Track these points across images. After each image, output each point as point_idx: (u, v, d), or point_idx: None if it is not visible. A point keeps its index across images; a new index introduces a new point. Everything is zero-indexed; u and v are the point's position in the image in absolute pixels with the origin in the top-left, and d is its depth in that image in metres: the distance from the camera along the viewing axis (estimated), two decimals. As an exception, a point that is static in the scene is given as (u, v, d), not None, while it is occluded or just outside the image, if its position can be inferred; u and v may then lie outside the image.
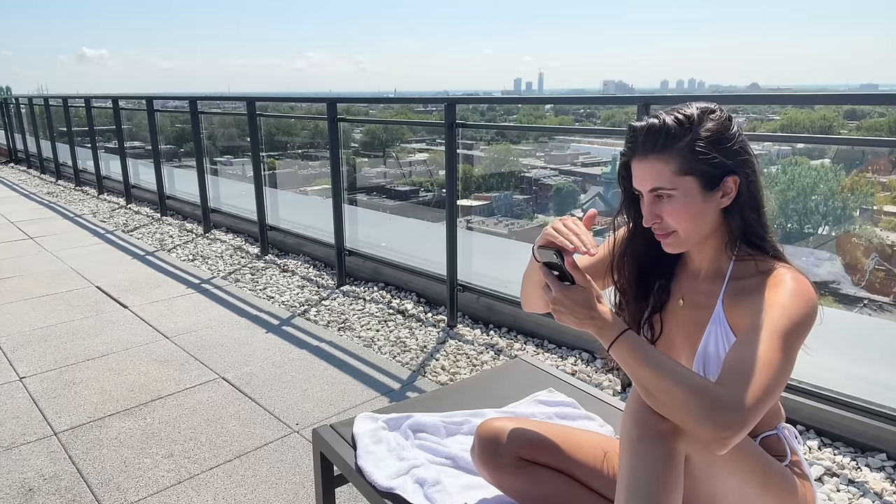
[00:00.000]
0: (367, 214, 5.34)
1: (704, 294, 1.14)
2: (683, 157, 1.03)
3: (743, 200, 1.06)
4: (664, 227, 1.08)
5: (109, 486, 2.05)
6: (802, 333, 1.00)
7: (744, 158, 1.05)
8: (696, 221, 1.06)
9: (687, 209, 1.05)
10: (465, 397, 1.80)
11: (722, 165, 1.03)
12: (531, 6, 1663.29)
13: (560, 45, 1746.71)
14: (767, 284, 1.03)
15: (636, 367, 0.98)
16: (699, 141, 1.02)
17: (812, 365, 2.46)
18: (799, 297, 1.00)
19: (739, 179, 1.05)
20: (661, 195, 1.06)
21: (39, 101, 10.06)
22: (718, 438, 0.91)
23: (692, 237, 1.08)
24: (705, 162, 1.02)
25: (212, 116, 6.17)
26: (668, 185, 1.04)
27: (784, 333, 0.97)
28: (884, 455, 2.13)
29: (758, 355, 0.95)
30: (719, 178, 1.04)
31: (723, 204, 1.06)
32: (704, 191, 1.04)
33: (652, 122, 1.05)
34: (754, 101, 5.87)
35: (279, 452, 2.23)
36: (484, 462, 1.31)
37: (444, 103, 3.30)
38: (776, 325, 0.97)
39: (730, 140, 1.04)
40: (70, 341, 3.25)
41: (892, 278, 5.27)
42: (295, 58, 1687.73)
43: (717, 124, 1.04)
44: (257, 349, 3.13)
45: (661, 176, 1.04)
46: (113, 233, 5.80)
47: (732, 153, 1.04)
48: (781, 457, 1.15)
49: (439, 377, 2.82)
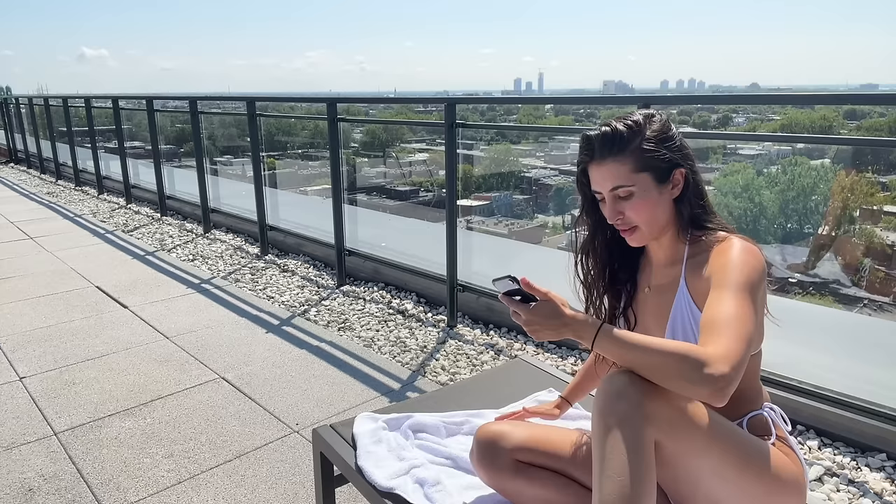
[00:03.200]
0: (367, 214, 5.34)
1: (667, 278, 1.25)
2: (637, 157, 1.16)
3: (689, 190, 1.21)
4: (627, 223, 1.20)
5: (109, 486, 2.05)
6: (759, 285, 1.10)
7: (685, 153, 1.21)
8: (655, 213, 1.19)
9: (645, 203, 1.18)
10: (466, 397, 1.80)
11: (669, 160, 1.18)
12: (531, 6, 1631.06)
13: (560, 45, 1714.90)
14: (719, 251, 1.15)
15: (623, 354, 1.05)
16: (648, 141, 1.17)
17: (812, 365, 2.46)
18: (748, 253, 1.12)
19: (685, 171, 1.20)
20: (622, 193, 1.18)
21: (39, 101, 10.06)
22: (715, 392, 0.96)
23: (653, 229, 1.21)
24: (655, 158, 1.17)
25: (212, 116, 6.17)
26: (626, 183, 1.17)
27: (746, 287, 1.07)
28: (884, 455, 2.13)
29: (729, 311, 1.04)
30: (669, 172, 1.18)
31: (674, 195, 1.20)
32: (658, 184, 1.18)
33: (606, 130, 1.18)
34: (754, 101, 5.88)
35: (279, 452, 2.23)
36: (482, 465, 1.33)
37: (444, 103, 3.30)
38: (737, 282, 1.08)
39: (672, 139, 1.19)
40: (70, 341, 3.25)
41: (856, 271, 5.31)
42: (295, 57, 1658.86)
43: (660, 126, 1.19)
44: (257, 349, 3.13)
45: (619, 175, 1.17)
46: (113, 233, 5.80)
47: (676, 149, 1.19)
48: (767, 436, 1.20)
49: (439, 377, 2.82)
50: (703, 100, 9.30)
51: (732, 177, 12.00)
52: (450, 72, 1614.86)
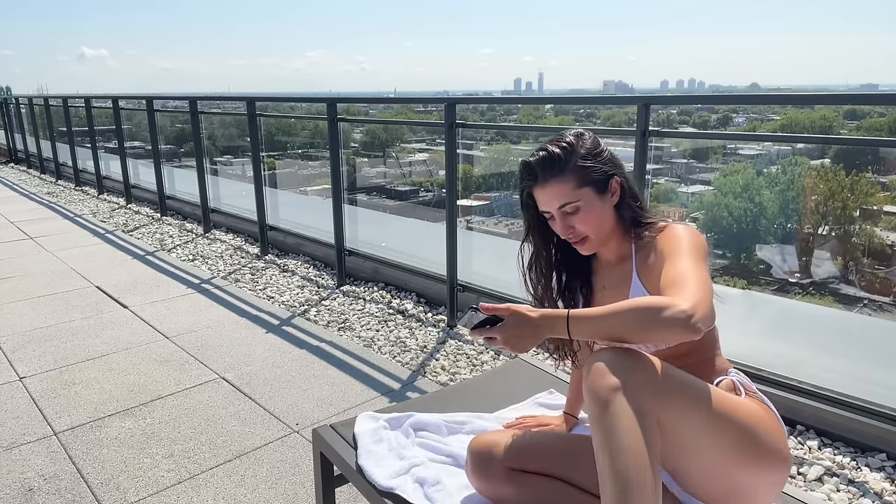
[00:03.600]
0: (367, 214, 5.34)
1: (620, 275, 1.34)
2: (576, 174, 1.27)
3: (626, 194, 1.31)
4: (578, 235, 1.30)
5: (109, 486, 2.05)
6: (704, 255, 1.20)
7: (616, 163, 1.32)
8: (601, 222, 1.30)
9: (591, 214, 1.28)
10: (466, 398, 1.80)
11: (604, 172, 1.29)
12: (531, 6, 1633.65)
13: (560, 45, 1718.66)
14: (664, 236, 1.26)
15: (598, 326, 1.11)
16: (583, 158, 1.28)
17: (812, 365, 2.46)
18: (689, 232, 1.24)
19: (620, 179, 1.31)
20: (569, 209, 1.28)
21: (39, 101, 10.05)
22: (687, 326, 1.03)
23: (602, 236, 1.31)
24: (592, 172, 1.28)
25: (212, 116, 6.17)
26: (572, 199, 1.27)
27: (698, 254, 1.19)
28: (884, 455, 2.13)
29: (685, 267, 1.14)
30: (606, 182, 1.30)
31: (614, 202, 1.31)
32: (599, 195, 1.29)
33: (544, 155, 1.28)
34: (754, 101, 5.88)
35: (279, 452, 2.23)
36: (475, 475, 1.34)
37: (444, 103, 3.30)
38: (688, 250, 1.19)
39: (602, 152, 1.30)
40: (70, 341, 3.25)
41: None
42: (295, 57, 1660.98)
43: (590, 143, 1.30)
44: (257, 349, 3.13)
45: (564, 193, 1.27)
46: (113, 233, 5.80)
47: (607, 161, 1.30)
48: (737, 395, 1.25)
49: (439, 377, 2.82)
50: (703, 100, 9.30)
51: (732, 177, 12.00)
52: (450, 72, 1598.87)
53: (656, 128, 2.61)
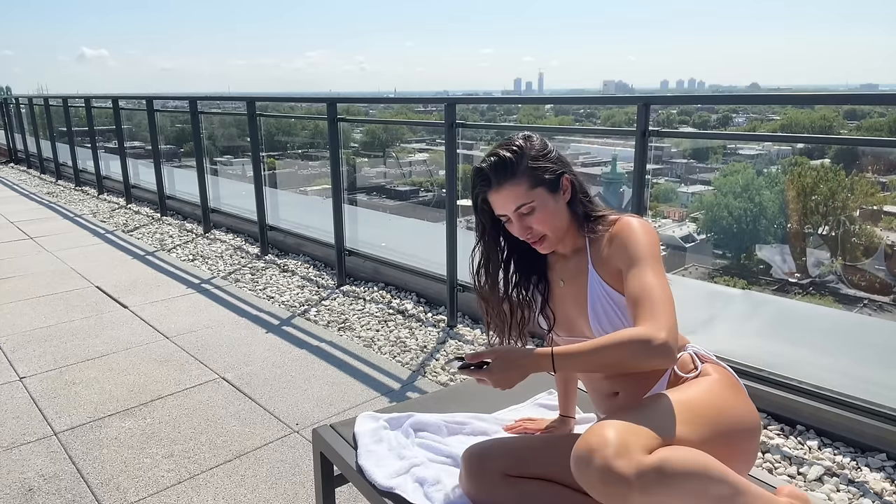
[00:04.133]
0: (367, 214, 5.34)
1: (576, 268, 1.38)
2: (528, 176, 1.31)
3: (577, 191, 1.35)
4: (536, 235, 1.34)
5: (109, 486, 2.06)
6: (659, 253, 1.26)
7: (564, 161, 1.36)
8: (557, 220, 1.34)
9: (547, 213, 1.32)
10: (466, 398, 1.80)
11: (555, 171, 1.33)
12: (531, 6, 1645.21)
13: (560, 45, 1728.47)
14: (616, 231, 1.30)
15: (582, 363, 1.17)
16: (534, 160, 1.31)
17: (812, 365, 2.46)
18: (643, 227, 1.28)
19: (569, 176, 1.35)
20: (525, 210, 1.31)
21: (39, 101, 10.06)
22: (665, 358, 1.12)
23: (558, 234, 1.35)
24: (544, 172, 1.32)
25: (212, 116, 6.17)
26: (527, 200, 1.31)
27: (656, 258, 1.24)
28: (884, 455, 2.13)
29: (651, 283, 1.19)
30: (557, 181, 1.33)
31: (566, 199, 1.35)
32: (552, 194, 1.33)
33: (495, 160, 1.32)
34: (754, 101, 5.88)
35: (279, 452, 2.23)
36: (470, 482, 1.33)
37: (444, 103, 3.30)
38: (647, 256, 1.23)
39: (550, 152, 1.34)
40: (70, 341, 3.25)
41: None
42: (295, 57, 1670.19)
43: (538, 144, 1.34)
44: (257, 349, 3.13)
45: (518, 195, 1.31)
46: (113, 233, 5.80)
47: (556, 160, 1.34)
48: (693, 370, 1.29)
49: (439, 377, 2.82)
50: (703, 100, 9.31)
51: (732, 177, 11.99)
52: (450, 72, 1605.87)
53: (656, 128, 2.61)
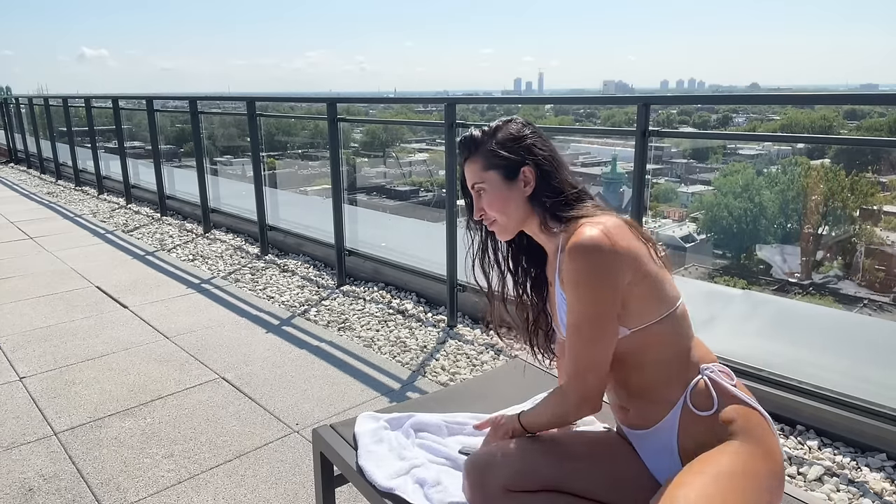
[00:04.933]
0: (367, 214, 5.34)
1: (553, 272, 1.34)
2: (486, 157, 1.31)
3: (542, 186, 1.29)
4: (487, 217, 1.34)
5: (109, 486, 2.06)
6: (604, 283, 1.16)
7: (536, 153, 1.30)
8: (506, 207, 1.30)
9: (496, 197, 1.30)
10: (466, 398, 1.79)
11: (514, 159, 1.29)
12: (531, 6, 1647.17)
13: (560, 45, 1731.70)
14: (567, 249, 1.20)
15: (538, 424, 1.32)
16: (497, 143, 1.30)
17: (812, 365, 2.46)
18: (584, 258, 1.16)
19: (533, 169, 1.29)
20: (477, 188, 1.32)
21: (39, 101, 10.06)
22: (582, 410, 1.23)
23: (510, 222, 1.32)
24: (501, 157, 1.30)
25: (212, 116, 6.17)
26: (479, 180, 1.32)
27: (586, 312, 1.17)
28: (884, 455, 2.13)
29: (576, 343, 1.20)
30: (516, 170, 1.29)
31: (526, 192, 1.30)
32: (506, 180, 1.30)
33: (465, 136, 1.35)
34: (754, 101, 5.88)
35: (279, 452, 2.23)
36: (473, 497, 1.29)
37: (444, 103, 3.30)
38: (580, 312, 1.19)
39: (522, 140, 1.30)
40: (70, 341, 3.25)
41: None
42: (295, 57, 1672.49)
43: (513, 130, 1.32)
44: (257, 349, 3.13)
45: (474, 174, 1.32)
46: (113, 233, 5.80)
47: (523, 149, 1.30)
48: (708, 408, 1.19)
49: (439, 377, 2.82)
50: (703, 100, 9.31)
51: (732, 177, 11.99)
52: (450, 72, 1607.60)
53: (656, 128, 2.61)
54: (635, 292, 1.17)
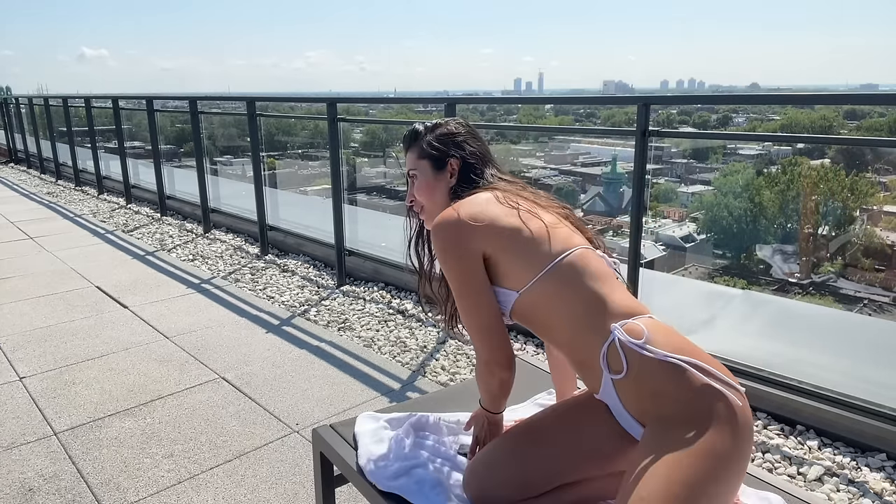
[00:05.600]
0: (367, 214, 5.34)
1: None
2: (421, 148, 1.46)
3: (462, 178, 1.42)
4: (417, 204, 1.48)
5: (109, 486, 2.06)
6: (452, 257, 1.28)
7: (463, 147, 1.44)
8: (433, 194, 1.44)
9: (424, 184, 1.44)
10: (466, 398, 1.79)
11: (444, 152, 1.44)
12: (531, 6, 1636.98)
13: (560, 45, 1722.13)
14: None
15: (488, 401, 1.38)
16: (433, 137, 1.45)
17: (812, 365, 2.46)
18: (434, 237, 1.32)
19: (458, 161, 1.43)
20: (411, 174, 1.47)
21: (39, 101, 10.06)
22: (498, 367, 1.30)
23: (435, 208, 1.43)
24: (433, 150, 1.45)
25: (212, 116, 6.17)
26: (413, 167, 1.46)
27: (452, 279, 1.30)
28: (884, 455, 2.13)
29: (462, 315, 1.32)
30: (443, 161, 1.44)
31: (451, 183, 1.43)
32: (435, 170, 1.44)
33: (411, 129, 1.50)
34: (754, 101, 5.87)
35: (279, 452, 2.23)
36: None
37: (444, 103, 3.31)
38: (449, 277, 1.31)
39: (454, 136, 1.45)
40: (70, 341, 3.25)
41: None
42: (295, 57, 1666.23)
43: (451, 128, 1.46)
44: (257, 349, 3.13)
45: (411, 161, 1.47)
46: (113, 233, 5.80)
47: (454, 144, 1.44)
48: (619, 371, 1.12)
49: (439, 377, 2.82)
50: (703, 100, 9.30)
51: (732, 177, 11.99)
52: (450, 72, 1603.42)
53: (656, 128, 2.61)
54: (504, 256, 1.26)
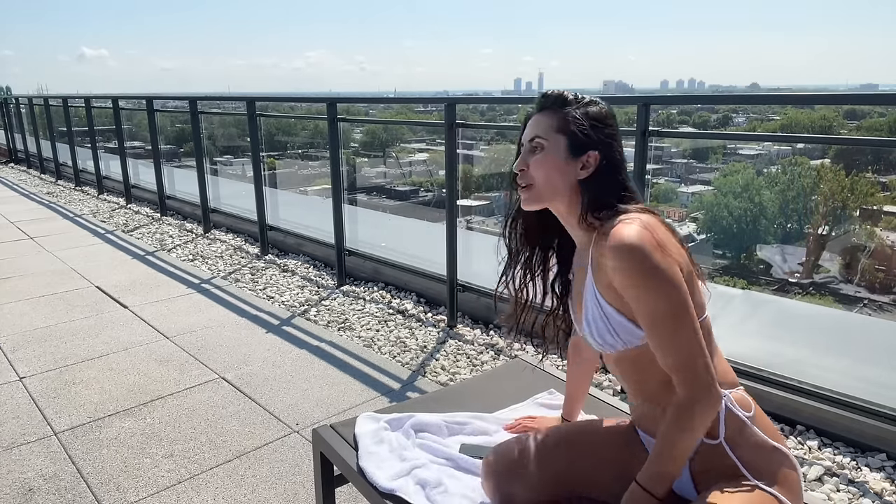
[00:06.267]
0: (367, 214, 5.34)
1: (582, 263, 1.27)
2: (563, 119, 1.21)
3: (599, 176, 1.21)
4: (525, 178, 1.23)
5: (109, 486, 2.05)
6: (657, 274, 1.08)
7: (610, 144, 1.22)
8: (553, 175, 1.21)
9: (549, 161, 1.21)
10: (466, 398, 1.79)
11: (589, 139, 1.20)
12: (531, 6, 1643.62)
13: (560, 45, 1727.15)
14: (611, 249, 1.12)
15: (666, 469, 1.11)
16: (581, 112, 1.22)
17: (812, 365, 2.46)
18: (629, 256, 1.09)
19: (600, 157, 1.21)
20: (535, 144, 1.22)
21: (39, 101, 10.06)
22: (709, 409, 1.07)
23: (546, 191, 1.22)
24: (577, 129, 1.20)
25: (212, 116, 6.17)
26: (543, 135, 1.22)
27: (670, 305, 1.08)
28: (884, 455, 2.13)
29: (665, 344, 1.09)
30: (584, 148, 1.20)
31: (581, 175, 1.21)
32: (568, 151, 1.21)
33: (554, 91, 1.26)
34: (754, 101, 5.87)
35: (279, 452, 2.23)
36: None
37: (444, 103, 3.30)
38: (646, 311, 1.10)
39: (604, 124, 1.22)
40: (70, 341, 3.25)
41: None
42: (295, 57, 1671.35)
43: (599, 110, 1.24)
44: (257, 349, 3.13)
45: (541, 127, 1.23)
46: (113, 233, 5.80)
47: (602, 134, 1.21)
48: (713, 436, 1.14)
49: (439, 377, 2.82)
50: (703, 100, 9.30)
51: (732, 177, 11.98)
52: (450, 72, 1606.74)
53: (656, 128, 2.61)
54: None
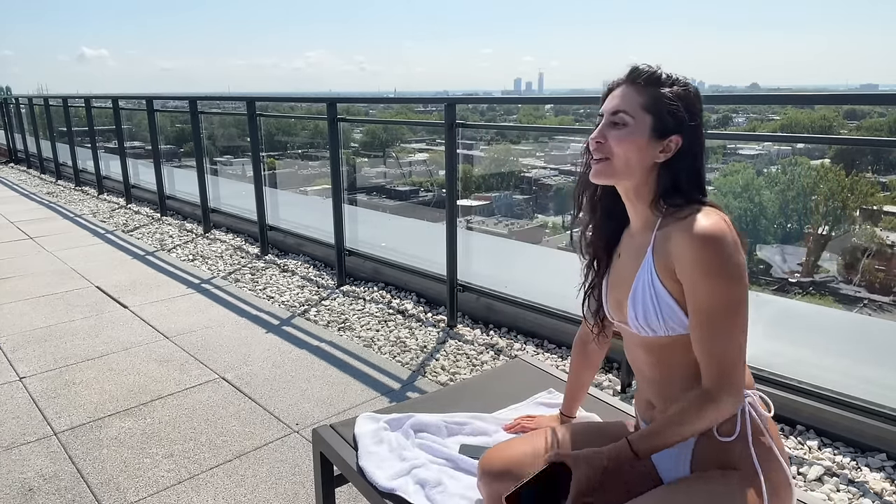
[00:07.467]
0: (367, 214, 5.34)
1: (638, 245, 1.24)
2: (654, 97, 1.16)
3: (679, 163, 1.18)
4: (603, 150, 1.18)
5: (109, 486, 2.06)
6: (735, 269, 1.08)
7: (695, 130, 1.18)
8: (633, 154, 1.17)
9: (632, 139, 1.16)
10: (466, 398, 1.79)
11: (677, 122, 1.16)
12: (531, 6, 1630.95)
13: (560, 45, 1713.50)
14: (683, 234, 1.11)
15: (663, 443, 1.13)
16: (673, 93, 1.17)
17: (812, 365, 2.46)
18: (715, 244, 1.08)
19: (682, 143, 1.17)
20: (618, 119, 1.17)
21: (39, 101, 10.06)
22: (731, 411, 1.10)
23: (622, 168, 1.18)
24: (668, 109, 1.16)
25: (212, 116, 6.17)
26: (630, 112, 1.17)
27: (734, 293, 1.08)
28: (884, 455, 2.13)
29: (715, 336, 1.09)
30: (668, 132, 1.16)
31: (659, 158, 1.17)
32: (653, 132, 1.16)
33: (647, 66, 1.19)
34: (754, 101, 5.86)
35: (279, 452, 2.23)
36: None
37: (444, 103, 3.30)
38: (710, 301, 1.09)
39: (693, 111, 1.18)
40: (70, 341, 3.25)
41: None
42: (294, 57, 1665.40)
43: (690, 94, 1.20)
44: (257, 349, 3.13)
45: (628, 101, 1.17)
46: (113, 233, 5.80)
47: (689, 119, 1.17)
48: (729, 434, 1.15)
49: (439, 377, 2.82)
50: (704, 100, 9.26)
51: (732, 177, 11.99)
52: (450, 72, 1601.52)
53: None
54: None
